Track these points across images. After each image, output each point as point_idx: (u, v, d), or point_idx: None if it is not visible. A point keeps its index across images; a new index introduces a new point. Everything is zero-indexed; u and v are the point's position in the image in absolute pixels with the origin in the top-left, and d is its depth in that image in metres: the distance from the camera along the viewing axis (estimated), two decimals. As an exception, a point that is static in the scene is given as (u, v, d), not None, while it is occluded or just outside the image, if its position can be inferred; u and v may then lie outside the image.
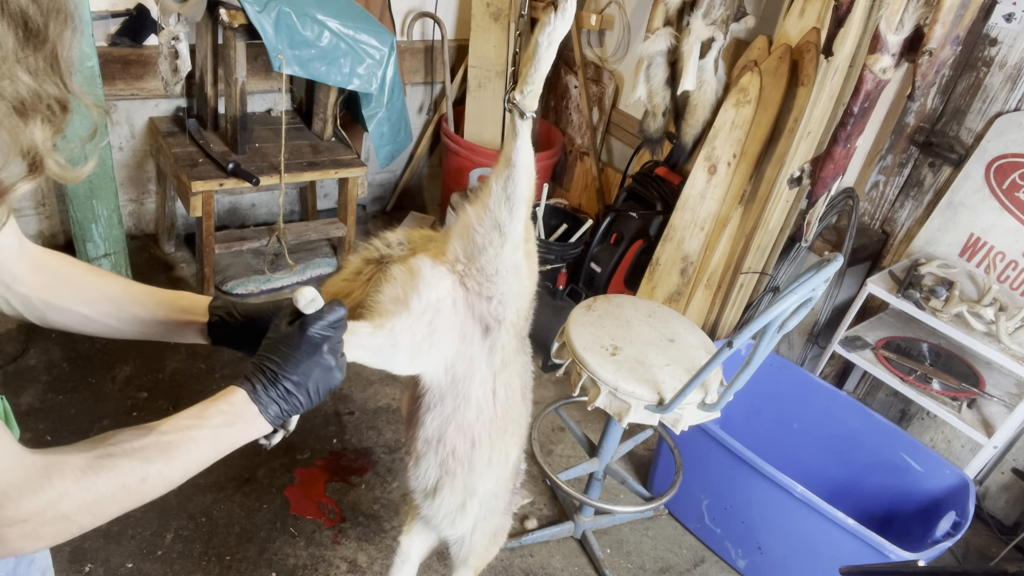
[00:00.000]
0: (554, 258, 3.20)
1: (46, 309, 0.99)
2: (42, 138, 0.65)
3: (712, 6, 2.50)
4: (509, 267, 1.16)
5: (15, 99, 0.62)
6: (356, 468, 2.48)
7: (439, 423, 1.27)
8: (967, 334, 2.29)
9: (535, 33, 0.98)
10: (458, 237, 1.17)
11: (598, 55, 3.61)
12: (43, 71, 0.64)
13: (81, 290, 1.01)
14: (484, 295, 1.18)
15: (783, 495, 2.09)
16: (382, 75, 2.85)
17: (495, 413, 1.29)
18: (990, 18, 2.43)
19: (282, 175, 2.82)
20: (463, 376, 1.23)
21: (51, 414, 2.44)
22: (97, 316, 1.02)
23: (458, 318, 1.18)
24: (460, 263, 1.17)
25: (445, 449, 1.29)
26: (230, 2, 2.52)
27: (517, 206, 1.10)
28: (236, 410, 0.89)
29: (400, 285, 1.14)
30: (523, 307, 1.25)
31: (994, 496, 2.73)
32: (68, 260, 1.02)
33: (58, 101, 0.66)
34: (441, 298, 1.15)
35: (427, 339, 1.14)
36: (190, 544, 2.13)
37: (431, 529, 1.57)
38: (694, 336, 2.01)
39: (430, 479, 1.35)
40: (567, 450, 2.75)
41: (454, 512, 1.40)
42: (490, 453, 1.33)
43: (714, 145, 2.66)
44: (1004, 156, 2.46)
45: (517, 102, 1.02)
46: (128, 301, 1.03)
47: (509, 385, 1.31)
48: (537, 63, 1.00)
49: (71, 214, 2.78)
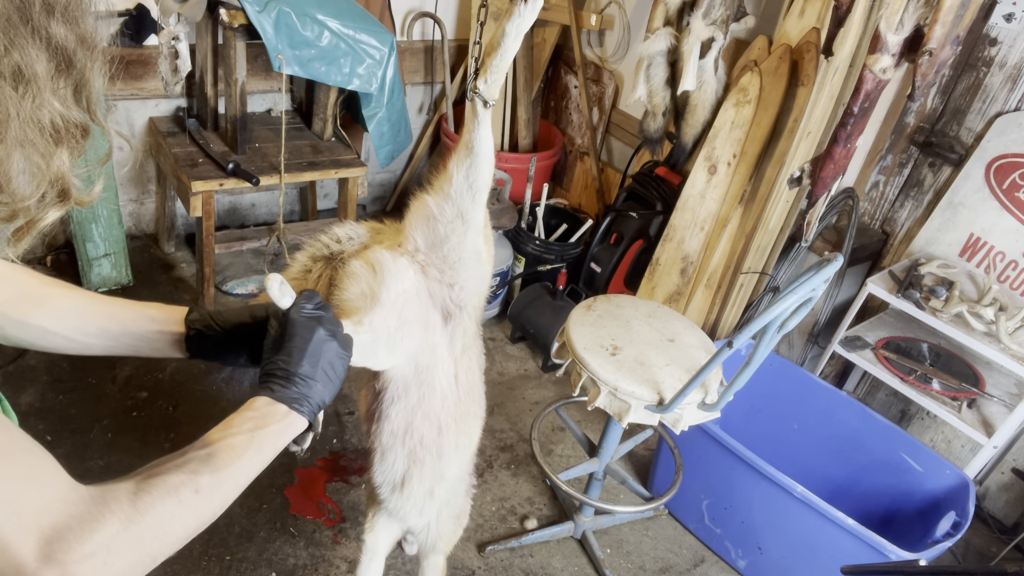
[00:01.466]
0: (554, 258, 3.20)
1: (5, 324, 0.94)
2: (67, 165, 0.66)
3: (712, 6, 2.50)
4: (471, 253, 1.18)
5: (50, 127, 0.63)
6: (356, 468, 2.48)
7: (405, 414, 1.28)
8: (967, 334, 2.29)
9: (502, 22, 1.00)
10: (418, 227, 1.19)
11: (598, 55, 3.61)
12: (71, 98, 0.65)
13: (43, 303, 0.96)
14: (446, 283, 1.20)
15: (783, 495, 2.09)
16: (382, 75, 2.85)
17: (459, 397, 1.31)
18: (990, 18, 2.43)
19: (282, 175, 2.82)
20: (427, 365, 1.24)
21: (51, 414, 2.44)
22: (61, 330, 0.97)
23: (421, 308, 1.20)
24: (421, 253, 1.19)
25: (413, 439, 1.31)
26: (230, 2, 2.52)
27: (479, 193, 1.13)
28: (262, 413, 0.88)
29: (364, 280, 1.14)
30: (483, 291, 1.27)
31: (994, 496, 2.73)
32: (32, 274, 0.98)
33: (81, 128, 0.67)
34: (407, 289, 1.16)
35: (399, 330, 1.15)
36: (190, 544, 2.12)
37: (396, 521, 1.58)
38: (694, 336, 2.01)
39: (398, 471, 1.36)
40: (567, 450, 2.75)
41: (422, 500, 1.41)
42: (456, 437, 1.36)
43: (714, 145, 2.66)
44: (1004, 156, 2.46)
45: (480, 91, 1.03)
46: (94, 313, 0.99)
47: (470, 369, 1.33)
48: (503, 53, 1.02)
49: (71, 214, 2.77)
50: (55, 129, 0.63)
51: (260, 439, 0.86)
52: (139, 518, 0.73)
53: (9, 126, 0.60)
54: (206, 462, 0.81)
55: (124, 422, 2.47)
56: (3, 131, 0.60)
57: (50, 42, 0.61)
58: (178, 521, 0.77)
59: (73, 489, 0.70)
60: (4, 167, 0.62)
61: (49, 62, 0.61)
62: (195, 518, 0.79)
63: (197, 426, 0.86)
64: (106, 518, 0.70)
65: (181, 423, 2.51)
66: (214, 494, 0.81)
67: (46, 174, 0.64)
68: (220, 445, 0.83)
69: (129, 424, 2.47)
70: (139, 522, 0.72)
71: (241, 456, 0.84)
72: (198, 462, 0.81)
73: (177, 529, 0.77)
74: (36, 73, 0.61)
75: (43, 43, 0.61)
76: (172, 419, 2.52)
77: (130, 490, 0.74)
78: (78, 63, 0.64)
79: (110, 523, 0.70)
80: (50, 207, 0.67)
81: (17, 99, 0.60)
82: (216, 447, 0.83)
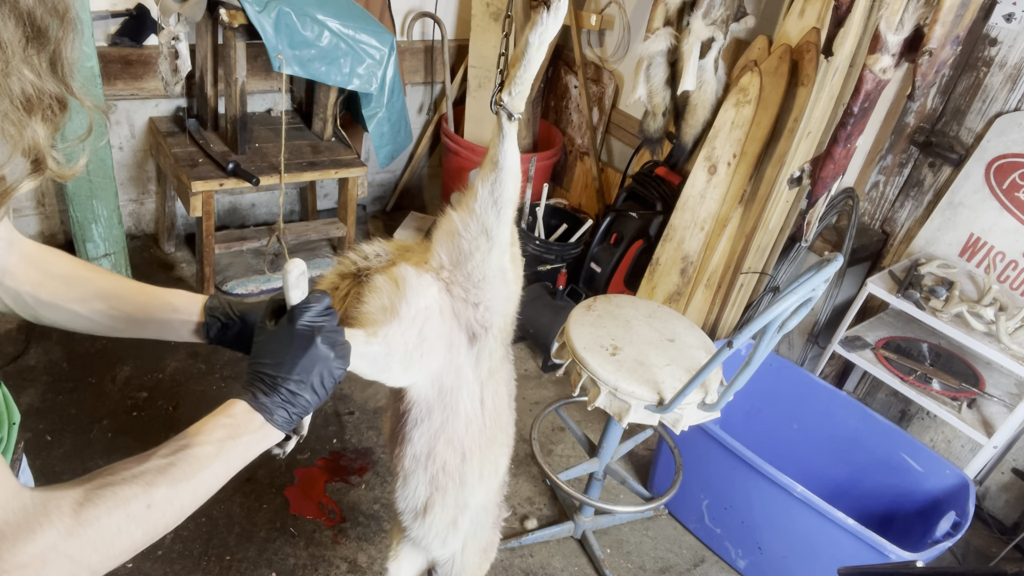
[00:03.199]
0: (554, 258, 3.20)
1: (37, 305, 0.96)
2: (43, 136, 0.66)
3: (712, 6, 2.50)
4: (496, 272, 1.13)
5: (21, 96, 0.63)
6: (356, 468, 2.48)
7: (428, 438, 1.23)
8: (967, 334, 2.29)
9: (526, 32, 0.97)
10: (443, 243, 1.14)
11: (598, 55, 3.61)
12: (46, 70, 0.65)
13: (72, 287, 0.99)
14: (471, 302, 1.15)
15: (783, 495, 2.09)
16: (382, 75, 2.85)
17: (484, 424, 1.26)
18: (990, 18, 2.43)
19: (282, 175, 2.82)
20: (451, 387, 1.19)
21: (51, 414, 2.44)
22: (88, 313, 0.99)
23: (445, 327, 1.15)
24: (445, 270, 1.14)
25: (435, 464, 1.25)
26: (230, 2, 2.52)
27: (504, 209, 1.08)
28: (238, 422, 0.85)
29: (386, 295, 1.10)
30: (510, 313, 1.22)
31: (994, 496, 2.73)
32: (61, 256, 1.00)
33: (58, 100, 0.67)
34: (429, 306, 1.11)
35: (418, 347, 1.11)
36: (190, 544, 2.13)
37: (419, 550, 1.52)
38: (694, 336, 2.01)
39: (420, 497, 1.31)
40: (567, 450, 2.75)
41: (445, 530, 1.36)
42: (481, 465, 1.30)
43: (714, 145, 2.66)
44: (1004, 156, 2.46)
45: (505, 103, 1.00)
46: (119, 299, 1.01)
47: (497, 394, 1.27)
48: (527, 64, 0.99)
49: (71, 214, 2.78)
50: (26, 98, 0.63)
51: (229, 450, 0.83)
52: (80, 531, 0.71)
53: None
54: (164, 473, 0.78)
55: (124, 422, 2.47)
56: None
57: (19, 10, 0.61)
58: (124, 535, 0.75)
59: (15, 496, 0.68)
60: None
61: (16, 29, 0.61)
62: (144, 532, 0.76)
63: (197, 426, 0.84)
64: (44, 529, 0.68)
65: (181, 423, 2.50)
66: (168, 508, 0.78)
67: (18, 143, 0.64)
68: (183, 455, 0.80)
69: (129, 424, 2.47)
70: (79, 535, 0.71)
71: (204, 468, 0.81)
72: (155, 473, 0.78)
73: (122, 543, 0.75)
74: (3, 40, 0.60)
75: (10, 10, 0.61)
76: (172, 419, 2.52)
77: (77, 499, 0.72)
78: (50, 33, 0.64)
79: (48, 534, 0.69)
80: (24, 177, 0.66)
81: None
82: (179, 456, 0.80)
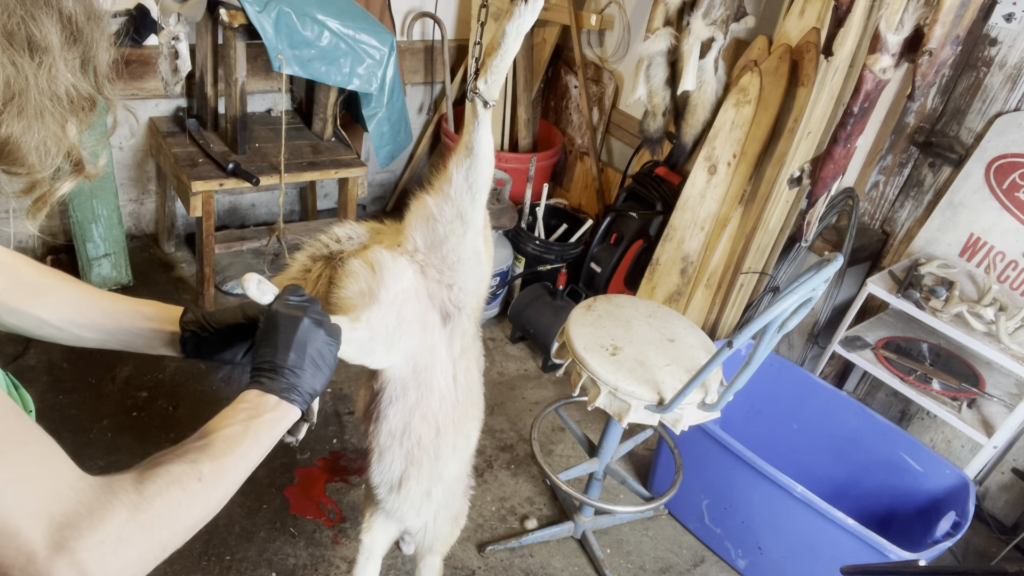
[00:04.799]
0: (554, 258, 3.20)
1: (2, 311, 0.95)
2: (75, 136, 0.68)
3: (712, 6, 2.50)
4: (470, 254, 1.19)
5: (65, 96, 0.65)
6: (356, 468, 2.48)
7: (403, 414, 1.28)
8: (967, 334, 2.29)
9: (502, 23, 1.00)
10: (417, 227, 1.19)
11: (598, 55, 3.61)
12: (80, 71, 0.67)
13: (40, 294, 0.97)
14: (445, 283, 1.20)
15: (783, 495, 2.09)
16: (382, 75, 2.85)
17: (457, 399, 1.31)
18: (990, 18, 2.43)
19: (282, 175, 2.82)
20: (425, 366, 1.25)
21: (51, 414, 2.44)
22: (55, 320, 0.98)
23: (420, 308, 1.20)
24: (420, 253, 1.19)
25: (410, 440, 1.31)
26: (230, 2, 2.52)
27: (479, 194, 1.13)
28: (254, 404, 0.88)
29: (363, 279, 1.15)
30: (482, 292, 1.27)
31: (994, 496, 2.73)
32: (30, 263, 0.99)
33: (89, 100, 0.68)
34: (406, 288, 1.16)
35: (397, 329, 1.16)
36: (190, 544, 2.12)
37: (393, 521, 1.58)
38: (694, 336, 2.01)
39: (395, 471, 1.36)
40: (567, 450, 2.75)
41: (420, 501, 1.41)
42: (455, 439, 1.36)
43: (714, 145, 2.66)
44: (1004, 156, 2.46)
45: (480, 91, 1.04)
46: (89, 307, 1.00)
47: (468, 370, 1.33)
48: (503, 53, 1.02)
49: (71, 214, 2.78)
50: (69, 100, 0.65)
51: (256, 428, 0.86)
52: (146, 506, 0.72)
53: (28, 96, 0.62)
54: (205, 451, 0.81)
55: (124, 422, 2.47)
56: (23, 102, 0.62)
57: (62, 13, 0.63)
58: (184, 509, 0.76)
59: (82, 478, 0.70)
60: (24, 139, 0.63)
61: (61, 33, 0.63)
62: (201, 507, 0.79)
63: (197, 426, 0.85)
64: (114, 506, 0.70)
65: (181, 423, 2.51)
66: (217, 483, 0.80)
67: (62, 144, 0.66)
68: (216, 436, 0.83)
69: (129, 424, 2.47)
70: (147, 510, 0.72)
71: (239, 445, 0.84)
72: (197, 452, 0.81)
73: (184, 517, 0.77)
74: (51, 44, 0.62)
75: (56, 14, 0.63)
76: (172, 419, 2.52)
77: (132, 479, 0.74)
78: (86, 35, 0.66)
79: (119, 511, 0.70)
80: (66, 177, 0.68)
81: (35, 69, 0.62)
82: (213, 437, 0.83)
